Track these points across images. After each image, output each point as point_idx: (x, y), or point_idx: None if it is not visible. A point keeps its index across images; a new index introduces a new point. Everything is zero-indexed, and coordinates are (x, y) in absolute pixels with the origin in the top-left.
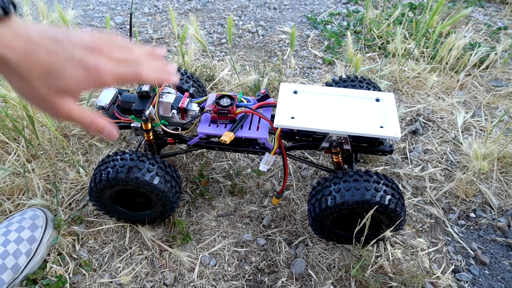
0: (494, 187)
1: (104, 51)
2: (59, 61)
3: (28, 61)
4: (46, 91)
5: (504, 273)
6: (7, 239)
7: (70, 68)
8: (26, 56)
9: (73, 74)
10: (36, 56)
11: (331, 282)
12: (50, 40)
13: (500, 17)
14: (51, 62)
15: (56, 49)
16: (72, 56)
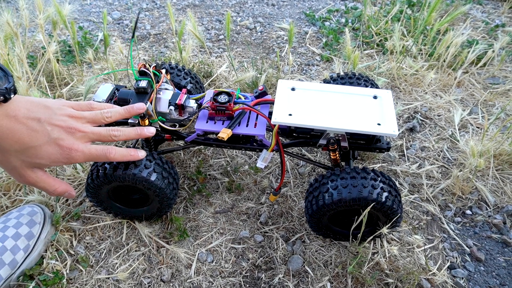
0: (490, 184)
1: (79, 129)
2: (37, 141)
3: (10, 138)
4: (19, 164)
5: (499, 270)
6: (4, 235)
7: (46, 147)
8: (9, 134)
9: (48, 152)
10: (17, 135)
11: (328, 279)
12: (33, 120)
13: (498, 14)
14: (30, 142)
15: (37, 128)
16: (50, 136)
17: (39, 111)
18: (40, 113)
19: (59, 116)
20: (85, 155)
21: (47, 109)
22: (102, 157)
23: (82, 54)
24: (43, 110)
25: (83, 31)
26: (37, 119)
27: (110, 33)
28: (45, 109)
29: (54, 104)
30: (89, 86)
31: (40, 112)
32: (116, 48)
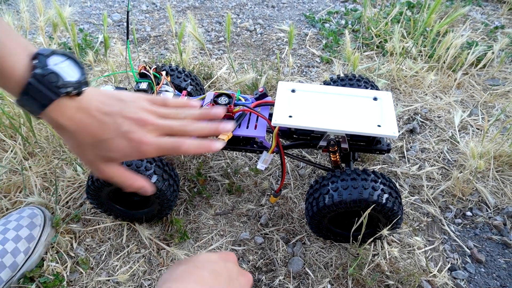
0: (491, 186)
1: (150, 122)
2: (108, 135)
3: (83, 132)
4: (93, 158)
5: (499, 271)
6: (5, 237)
7: (117, 141)
8: (82, 127)
9: (119, 146)
10: (90, 128)
11: (328, 281)
12: (104, 115)
13: (497, 16)
14: (101, 135)
15: (108, 122)
16: (120, 129)
17: (111, 103)
18: (113, 106)
19: (131, 109)
20: (156, 149)
21: (120, 102)
22: (174, 150)
23: (83, 56)
24: (116, 102)
25: (83, 33)
26: (109, 113)
27: (110, 35)
28: (118, 102)
29: (128, 97)
30: None
31: (113, 105)
32: (116, 50)
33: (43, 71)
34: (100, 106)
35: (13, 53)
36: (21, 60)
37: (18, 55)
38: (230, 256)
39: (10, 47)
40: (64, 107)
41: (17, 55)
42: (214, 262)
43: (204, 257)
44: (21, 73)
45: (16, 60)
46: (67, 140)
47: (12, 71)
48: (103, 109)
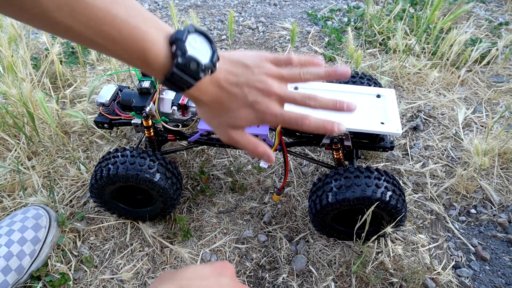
0: (495, 183)
1: (274, 92)
2: (236, 104)
3: (214, 102)
4: (221, 124)
5: (504, 269)
6: (10, 239)
7: (243, 110)
8: (214, 99)
9: (245, 115)
10: (220, 99)
11: (332, 278)
12: (232, 84)
13: (501, 12)
14: (230, 105)
15: (236, 92)
16: (247, 99)
17: (237, 72)
18: (239, 75)
19: (257, 76)
20: (278, 119)
21: (245, 68)
22: (295, 124)
23: (85, 56)
24: (241, 70)
25: None
26: (236, 83)
27: None
28: (244, 69)
29: (253, 61)
30: (93, 87)
31: (239, 73)
32: None
33: (184, 59)
34: (228, 76)
35: (153, 38)
36: (162, 47)
37: (157, 42)
38: (225, 267)
39: (148, 32)
40: (200, 84)
41: (157, 41)
42: (203, 278)
43: (192, 272)
44: (163, 61)
45: (156, 48)
46: (199, 108)
47: (155, 59)
48: (230, 79)
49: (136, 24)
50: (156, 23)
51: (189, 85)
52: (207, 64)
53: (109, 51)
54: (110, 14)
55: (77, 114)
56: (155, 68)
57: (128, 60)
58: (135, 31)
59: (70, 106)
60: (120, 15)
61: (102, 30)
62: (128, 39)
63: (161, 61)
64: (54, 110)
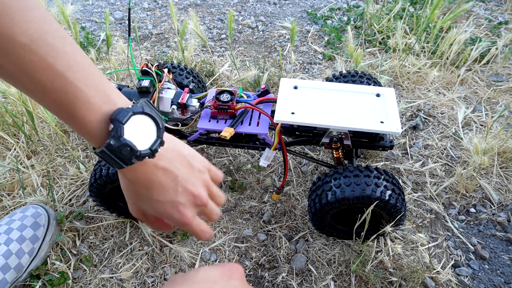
0: (494, 182)
1: (203, 202)
2: (162, 197)
3: (141, 184)
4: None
5: (503, 268)
6: (9, 238)
7: (166, 205)
8: (143, 180)
9: (165, 211)
10: (148, 183)
11: (331, 277)
12: (168, 177)
13: (501, 11)
14: (156, 195)
15: (169, 186)
16: (175, 197)
17: (180, 167)
18: (180, 170)
19: (196, 181)
20: (191, 229)
21: (189, 167)
22: (198, 236)
23: None
24: (184, 167)
25: (85, 31)
26: (175, 176)
27: (112, 33)
28: (187, 167)
29: (197, 164)
30: None
31: (181, 169)
32: (118, 48)
33: (117, 143)
34: (168, 165)
35: (87, 100)
36: (97, 119)
37: (94, 110)
38: (234, 270)
39: (87, 94)
40: (132, 166)
41: (94, 109)
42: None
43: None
44: (95, 133)
45: (91, 117)
46: (121, 179)
47: (86, 126)
48: (169, 169)
49: (72, 79)
50: (102, 87)
51: (118, 166)
52: (143, 151)
53: (38, 98)
54: (46, 62)
55: None
56: (84, 133)
57: (57, 113)
58: (68, 85)
59: None
60: (57, 66)
61: (33, 76)
62: (58, 91)
63: (94, 132)
64: None
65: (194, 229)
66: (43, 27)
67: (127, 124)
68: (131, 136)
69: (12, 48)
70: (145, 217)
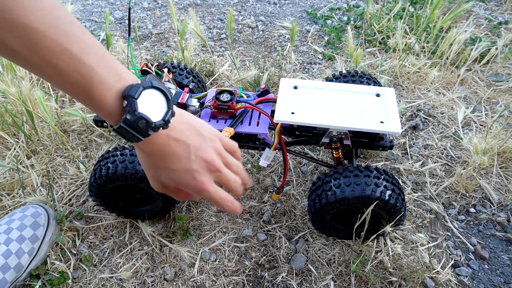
0: (494, 182)
1: (218, 168)
2: (177, 166)
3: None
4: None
5: (503, 268)
6: (9, 238)
7: (182, 173)
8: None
9: (182, 179)
10: (164, 154)
11: (331, 277)
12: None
13: (501, 11)
14: (171, 164)
15: (182, 154)
16: (190, 166)
17: (191, 136)
18: (192, 139)
19: (208, 148)
20: (209, 196)
21: (199, 136)
22: (219, 204)
23: None
24: (195, 136)
25: None
26: (186, 145)
27: (112, 33)
28: (198, 136)
29: (208, 133)
30: None
31: (192, 138)
32: (118, 47)
33: (132, 117)
34: (179, 136)
35: (102, 80)
36: (112, 97)
37: (107, 86)
38: None
39: (98, 72)
40: (147, 138)
41: (106, 85)
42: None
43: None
44: (112, 110)
45: (105, 92)
46: (139, 153)
47: (100, 102)
48: (181, 139)
49: (86, 61)
50: (113, 67)
51: (136, 139)
52: (158, 122)
53: (56, 82)
54: (61, 47)
55: (76, 113)
56: (102, 112)
57: (75, 95)
58: (84, 66)
59: (69, 105)
60: (72, 49)
61: (50, 61)
62: (75, 73)
63: (110, 110)
64: (53, 109)
65: (213, 196)
66: (54, 13)
67: (140, 99)
68: (145, 109)
69: (29, 35)
70: (166, 188)
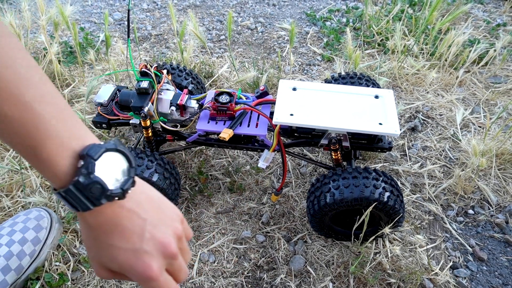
0: (493, 184)
1: (173, 254)
2: (125, 244)
3: (102, 227)
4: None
5: (501, 269)
6: (11, 239)
7: (128, 254)
8: (105, 224)
9: (126, 261)
10: (110, 227)
11: (330, 279)
12: (135, 221)
13: (500, 13)
14: (117, 240)
15: (134, 231)
16: (141, 245)
17: (149, 210)
18: (149, 214)
19: (166, 228)
20: (153, 284)
21: (159, 212)
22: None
23: (84, 55)
24: (154, 211)
25: (84, 32)
26: (142, 219)
27: (112, 34)
28: (157, 212)
29: (169, 211)
30: (91, 87)
31: (150, 213)
32: (117, 49)
33: (86, 180)
34: (135, 207)
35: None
36: (65, 154)
37: (62, 144)
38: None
39: (56, 128)
40: (97, 209)
41: (62, 144)
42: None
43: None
44: (60, 170)
45: (58, 151)
46: (83, 226)
47: (51, 162)
48: (136, 211)
49: (40, 111)
50: (73, 122)
51: (84, 207)
52: (114, 191)
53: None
54: (14, 91)
55: None
56: (48, 171)
57: (21, 150)
58: (35, 116)
59: None
60: (26, 97)
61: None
62: (25, 124)
63: (59, 169)
64: None
65: (162, 287)
66: (13, 54)
67: (99, 161)
68: (102, 174)
69: None
70: (112, 273)
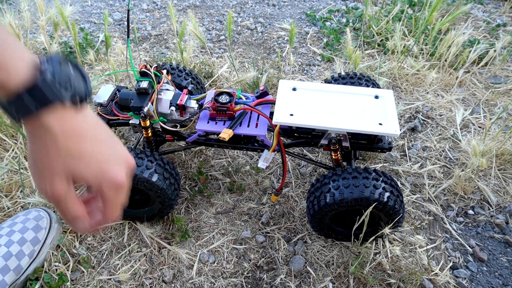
0: (493, 184)
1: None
2: (98, 153)
3: (70, 136)
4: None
5: (502, 270)
6: (10, 240)
7: (102, 163)
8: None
9: (101, 169)
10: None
11: (330, 279)
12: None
13: (499, 14)
14: (89, 147)
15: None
16: (113, 154)
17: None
18: (109, 135)
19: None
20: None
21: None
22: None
23: (83, 55)
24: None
25: (84, 32)
26: (107, 134)
27: (111, 34)
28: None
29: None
30: (91, 87)
31: (108, 135)
32: (117, 49)
33: (56, 75)
34: (98, 124)
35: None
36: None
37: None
38: None
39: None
40: (60, 113)
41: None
42: None
43: None
44: (21, 72)
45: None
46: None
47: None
48: (100, 127)
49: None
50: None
51: (46, 102)
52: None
53: None
54: None
55: None
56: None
57: None
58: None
59: None
60: None
61: None
62: None
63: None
64: None
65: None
66: None
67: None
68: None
69: None
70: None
